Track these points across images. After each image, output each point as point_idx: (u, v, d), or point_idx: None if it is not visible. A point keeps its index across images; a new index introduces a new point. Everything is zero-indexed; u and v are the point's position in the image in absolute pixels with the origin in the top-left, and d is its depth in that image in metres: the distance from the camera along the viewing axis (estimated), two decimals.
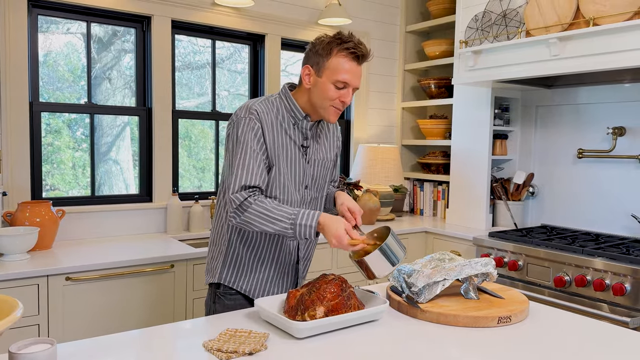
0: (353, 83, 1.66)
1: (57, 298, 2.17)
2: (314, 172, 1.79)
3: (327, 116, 1.70)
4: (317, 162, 1.80)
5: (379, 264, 1.54)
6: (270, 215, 1.57)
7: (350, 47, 1.62)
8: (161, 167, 2.99)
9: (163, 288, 2.43)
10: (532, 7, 2.65)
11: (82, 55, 2.85)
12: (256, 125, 1.65)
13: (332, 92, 1.65)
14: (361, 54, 1.64)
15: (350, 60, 1.63)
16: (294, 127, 1.73)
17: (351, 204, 1.73)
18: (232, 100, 3.39)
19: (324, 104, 1.67)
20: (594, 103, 3.08)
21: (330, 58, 1.63)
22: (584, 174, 3.14)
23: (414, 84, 4.08)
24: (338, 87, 1.64)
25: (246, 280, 1.78)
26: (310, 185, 1.79)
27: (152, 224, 2.97)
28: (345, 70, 1.63)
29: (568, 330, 1.49)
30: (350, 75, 1.64)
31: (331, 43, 1.63)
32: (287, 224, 1.56)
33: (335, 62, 1.63)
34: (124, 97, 3.01)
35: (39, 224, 2.41)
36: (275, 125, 1.69)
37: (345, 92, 1.66)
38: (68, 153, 2.85)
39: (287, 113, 1.72)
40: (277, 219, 1.57)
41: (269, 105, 1.71)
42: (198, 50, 3.22)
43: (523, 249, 2.77)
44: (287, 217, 1.56)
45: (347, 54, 1.62)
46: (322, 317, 1.40)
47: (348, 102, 1.68)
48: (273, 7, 3.35)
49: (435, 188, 3.83)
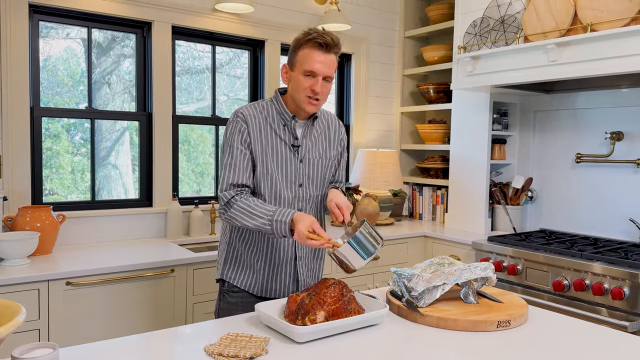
0: (321, 72, 1.70)
1: (57, 303, 2.18)
2: (309, 171, 1.83)
3: (304, 106, 1.76)
4: (312, 160, 1.84)
5: (351, 256, 1.57)
6: (252, 211, 1.67)
7: (315, 36, 1.69)
8: (161, 172, 3.00)
9: (163, 293, 2.43)
10: (530, 13, 2.67)
11: (81, 60, 2.86)
12: (242, 126, 1.76)
13: (304, 82, 1.71)
14: (324, 42, 1.68)
15: (315, 49, 1.69)
16: (284, 128, 1.80)
17: (340, 200, 1.76)
18: (231, 105, 3.40)
19: (299, 96, 1.74)
20: (592, 108, 3.09)
21: (299, 51, 1.72)
22: (582, 179, 3.15)
23: (412, 89, 4.10)
24: (307, 75, 1.71)
25: (246, 276, 1.84)
26: (305, 183, 1.83)
27: (152, 228, 2.97)
28: (312, 59, 1.69)
29: (567, 334, 1.50)
30: (318, 64, 1.69)
31: (300, 39, 1.72)
32: (265, 219, 1.64)
33: (302, 53, 1.71)
34: (123, 102, 3.02)
35: (40, 228, 2.42)
36: (263, 126, 1.78)
37: (314, 81, 1.71)
38: (67, 158, 2.85)
39: (278, 115, 1.81)
40: (257, 215, 1.66)
41: (259, 108, 1.81)
42: (197, 56, 3.24)
43: (522, 254, 2.77)
44: (266, 213, 1.65)
45: (313, 44, 1.69)
46: (323, 322, 1.41)
47: (318, 90, 1.72)
48: (273, 13, 3.37)
49: (434, 192, 3.84)
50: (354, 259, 1.57)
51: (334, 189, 1.87)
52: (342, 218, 1.72)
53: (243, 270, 1.85)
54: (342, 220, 1.72)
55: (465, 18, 3.11)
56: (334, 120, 1.96)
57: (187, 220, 3.05)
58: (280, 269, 1.84)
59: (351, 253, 1.57)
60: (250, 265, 1.84)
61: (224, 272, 1.87)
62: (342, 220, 1.72)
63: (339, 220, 1.72)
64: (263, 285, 1.84)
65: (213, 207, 3.11)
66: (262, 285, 1.84)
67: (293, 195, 1.81)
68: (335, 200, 1.75)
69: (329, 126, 1.91)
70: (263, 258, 1.83)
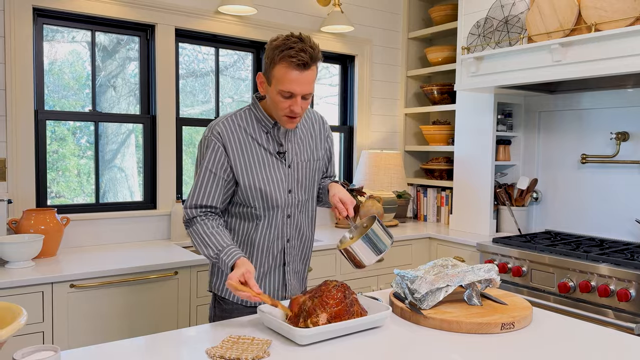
0: (299, 92, 1.57)
1: (61, 305, 2.18)
2: (298, 175, 1.77)
3: (283, 123, 1.68)
4: (300, 164, 1.78)
5: (364, 251, 1.57)
6: (205, 239, 1.64)
7: (291, 54, 1.52)
8: (165, 175, 3.01)
9: (167, 295, 2.43)
10: (533, 13, 2.66)
11: (87, 63, 2.87)
12: (217, 145, 1.67)
13: (281, 102, 1.60)
14: (302, 62, 1.53)
15: (293, 69, 1.54)
16: (267, 136, 1.72)
17: (343, 195, 1.72)
18: (236, 107, 3.40)
19: (276, 114, 1.66)
20: (597, 108, 3.07)
21: (275, 67, 1.57)
22: (587, 180, 3.13)
23: (416, 90, 4.09)
24: (284, 96, 1.59)
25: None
26: (294, 189, 1.77)
27: (156, 231, 2.98)
28: (288, 80, 1.55)
29: (572, 336, 1.49)
30: (295, 85, 1.56)
31: (275, 50, 1.56)
32: (214, 252, 1.61)
33: (278, 71, 1.56)
34: (129, 105, 3.03)
35: (44, 231, 2.43)
36: (243, 139, 1.69)
37: (292, 101, 1.59)
38: (73, 160, 2.86)
39: (258, 123, 1.72)
40: (208, 245, 1.62)
41: (237, 120, 1.71)
42: (202, 59, 3.25)
43: (527, 255, 2.76)
44: (217, 247, 1.61)
45: (289, 64, 1.53)
46: (325, 324, 1.40)
47: (298, 111, 1.62)
48: (276, 15, 3.37)
49: (439, 194, 3.83)
50: (366, 255, 1.58)
51: (334, 184, 1.81)
52: (345, 213, 1.69)
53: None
54: (346, 215, 1.69)
55: (469, 19, 3.10)
56: (318, 118, 1.88)
57: None
58: (268, 275, 1.80)
59: (364, 249, 1.57)
60: None
61: (213, 285, 1.83)
62: (345, 215, 1.69)
63: (342, 215, 1.69)
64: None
65: None
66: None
67: (283, 202, 1.75)
68: (338, 194, 1.72)
69: (313, 125, 1.84)
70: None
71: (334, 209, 1.73)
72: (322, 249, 2.89)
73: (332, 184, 1.82)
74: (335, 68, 3.84)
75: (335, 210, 1.72)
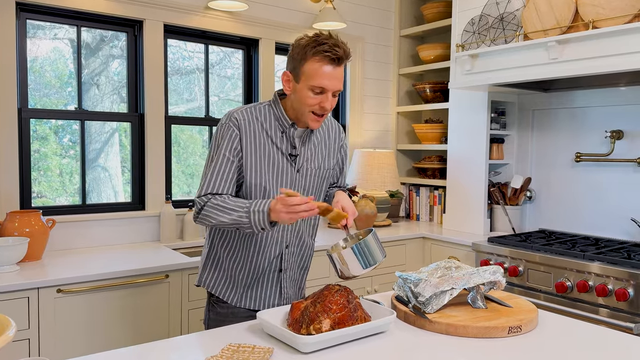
0: (331, 87, 1.57)
1: (48, 311, 2.10)
2: (305, 183, 1.72)
3: (308, 122, 1.64)
4: (310, 171, 1.72)
5: (351, 261, 1.51)
6: (226, 206, 1.56)
7: (325, 49, 1.52)
8: (154, 175, 2.93)
9: (158, 299, 2.36)
10: (530, 10, 2.63)
11: (69, 61, 2.78)
12: (234, 132, 1.62)
13: (310, 98, 1.58)
14: (337, 56, 1.54)
15: (326, 63, 1.54)
16: (282, 136, 1.67)
17: (346, 204, 1.67)
18: (221, 106, 3.33)
19: (303, 111, 1.62)
20: (591, 107, 3.06)
21: (305, 63, 1.55)
22: (582, 178, 3.12)
23: (408, 88, 4.06)
24: (315, 92, 1.57)
25: (224, 284, 1.74)
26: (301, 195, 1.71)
27: (145, 232, 2.90)
28: (321, 75, 1.54)
29: (580, 339, 1.45)
30: (328, 80, 1.55)
31: (306, 46, 1.55)
32: (242, 212, 1.53)
33: (310, 67, 1.55)
34: (112, 103, 2.94)
35: (29, 234, 2.33)
36: (259, 133, 1.64)
37: (323, 97, 1.58)
38: (55, 160, 2.77)
39: (276, 121, 1.67)
40: (232, 209, 1.55)
41: (255, 113, 1.66)
42: (187, 56, 3.16)
43: (523, 254, 2.73)
44: (242, 206, 1.54)
45: (323, 58, 1.53)
46: (329, 330, 1.35)
47: (328, 108, 1.61)
48: (267, 11, 3.30)
49: (431, 193, 3.80)
50: (353, 265, 1.51)
51: (340, 192, 1.77)
52: (344, 222, 1.63)
53: (222, 277, 1.73)
54: (345, 224, 1.63)
55: (463, 16, 3.06)
56: (334, 126, 1.83)
57: (181, 223, 2.98)
58: (262, 280, 1.74)
59: (353, 258, 1.50)
60: (231, 274, 1.72)
61: (202, 279, 1.77)
62: (344, 225, 1.63)
63: (341, 224, 1.64)
64: (242, 296, 1.73)
65: None
66: (241, 296, 1.73)
67: None
68: (341, 202, 1.67)
69: (328, 133, 1.79)
70: (245, 266, 1.71)
71: None
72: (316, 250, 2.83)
73: (338, 192, 1.77)
74: None
75: None
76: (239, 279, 1.72)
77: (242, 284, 1.73)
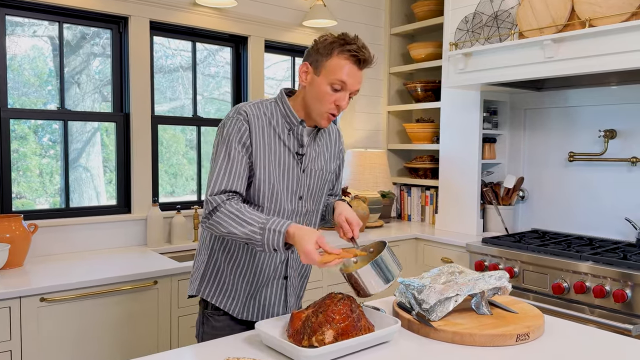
0: (351, 86, 1.56)
1: (31, 321, 2.00)
2: (309, 183, 1.66)
3: (319, 120, 1.59)
4: (314, 172, 1.67)
5: (370, 279, 1.43)
6: (241, 216, 1.45)
7: (353, 49, 1.53)
8: (140, 177, 2.83)
9: (146, 306, 2.27)
10: (525, 8, 2.59)
11: (48, 59, 2.67)
12: (243, 126, 1.55)
13: (328, 93, 1.54)
14: (363, 58, 1.55)
15: (351, 63, 1.54)
16: (289, 134, 1.61)
17: (350, 215, 1.62)
18: (205, 105, 3.23)
19: (317, 106, 1.57)
20: (584, 106, 3.04)
21: (330, 58, 1.54)
22: (575, 178, 3.10)
23: (399, 87, 4.01)
24: (335, 88, 1.54)
25: (225, 295, 1.65)
26: (305, 196, 1.66)
27: (131, 236, 2.80)
28: (344, 71, 1.53)
29: (590, 345, 1.41)
30: (349, 78, 1.54)
31: (333, 43, 1.54)
32: (256, 227, 1.43)
33: (335, 62, 1.54)
34: (94, 102, 2.83)
35: (9, 240, 2.23)
36: (267, 129, 1.58)
37: (341, 95, 1.56)
38: (35, 160, 2.66)
39: (283, 118, 1.61)
40: (247, 222, 1.44)
41: (262, 108, 1.60)
42: (170, 54, 3.06)
43: (518, 255, 2.70)
44: (258, 220, 1.44)
45: (349, 56, 1.53)
46: (332, 341, 1.29)
47: (344, 106, 1.58)
48: (256, 8, 3.22)
49: (423, 193, 3.76)
50: (373, 282, 1.43)
51: (341, 202, 1.72)
52: (351, 234, 1.59)
53: (223, 287, 1.64)
54: (351, 237, 1.59)
55: (456, 14, 3.02)
56: (334, 129, 1.80)
57: (169, 227, 2.89)
58: (267, 289, 1.66)
59: (372, 275, 1.42)
60: (232, 283, 1.64)
61: (201, 289, 1.67)
62: (350, 237, 1.59)
63: (347, 236, 1.59)
64: (245, 307, 1.65)
65: (196, 212, 2.95)
66: (244, 306, 1.65)
67: (292, 208, 1.63)
68: (345, 214, 1.61)
69: (330, 135, 1.75)
70: (248, 276, 1.63)
71: (338, 229, 1.63)
72: None
73: (338, 202, 1.72)
74: None
75: (340, 230, 1.62)
76: (241, 288, 1.64)
77: (246, 293, 1.65)
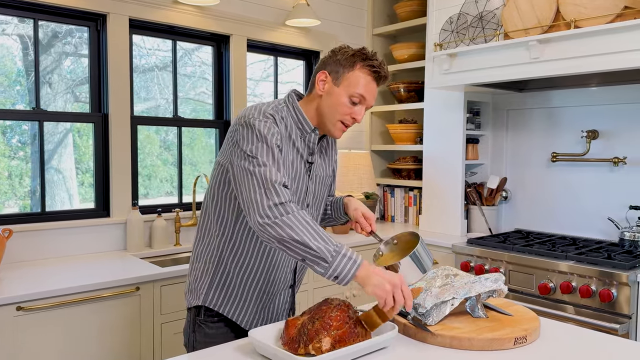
0: (369, 101, 1.57)
1: (7, 332, 1.90)
2: (315, 190, 1.65)
3: (333, 130, 1.57)
4: (318, 178, 1.66)
5: (409, 271, 1.45)
6: (316, 229, 1.34)
7: (375, 65, 1.54)
8: (119, 179, 2.74)
9: (128, 314, 2.19)
10: (510, 9, 2.60)
11: (17, 58, 2.56)
12: (275, 129, 1.47)
13: (346, 106, 1.53)
14: (384, 75, 1.57)
15: (372, 78, 1.55)
16: (301, 141, 1.57)
17: (365, 210, 1.67)
18: (179, 105, 3.13)
19: (333, 117, 1.54)
20: (566, 106, 3.07)
21: (352, 71, 1.53)
22: (557, 178, 3.12)
23: (382, 88, 3.99)
24: (354, 101, 1.53)
25: (234, 305, 1.59)
26: (311, 203, 1.64)
27: (110, 241, 2.71)
28: (364, 86, 1.53)
29: (587, 348, 1.40)
30: (368, 93, 1.55)
31: (356, 56, 1.54)
32: (331, 246, 1.32)
33: (357, 75, 1.53)
34: (66, 102, 2.73)
35: None
36: (284, 135, 1.53)
37: (358, 108, 1.55)
38: (3, 162, 2.55)
39: (295, 125, 1.56)
40: (322, 237, 1.33)
41: (280, 113, 1.54)
42: (145, 53, 2.97)
43: (504, 256, 2.70)
44: (332, 241, 1.34)
45: (370, 72, 1.54)
46: (329, 349, 1.25)
47: (359, 120, 1.58)
48: (238, 7, 3.16)
49: (406, 194, 3.74)
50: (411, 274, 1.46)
51: (352, 198, 1.73)
52: (369, 228, 1.63)
53: (232, 298, 1.57)
54: (370, 230, 1.63)
55: (440, 14, 3.01)
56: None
57: (149, 230, 2.80)
58: (278, 297, 1.64)
59: (411, 268, 1.45)
60: (243, 293, 1.57)
61: (208, 298, 1.58)
62: (369, 231, 1.63)
63: (366, 230, 1.64)
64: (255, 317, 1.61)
65: (177, 215, 2.87)
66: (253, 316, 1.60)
67: None
68: (360, 209, 1.65)
69: (328, 142, 1.73)
70: (261, 285, 1.58)
71: (354, 224, 1.64)
72: None
73: (350, 199, 1.72)
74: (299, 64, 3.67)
75: (357, 226, 1.63)
76: (253, 299, 1.59)
77: (257, 303, 1.60)
